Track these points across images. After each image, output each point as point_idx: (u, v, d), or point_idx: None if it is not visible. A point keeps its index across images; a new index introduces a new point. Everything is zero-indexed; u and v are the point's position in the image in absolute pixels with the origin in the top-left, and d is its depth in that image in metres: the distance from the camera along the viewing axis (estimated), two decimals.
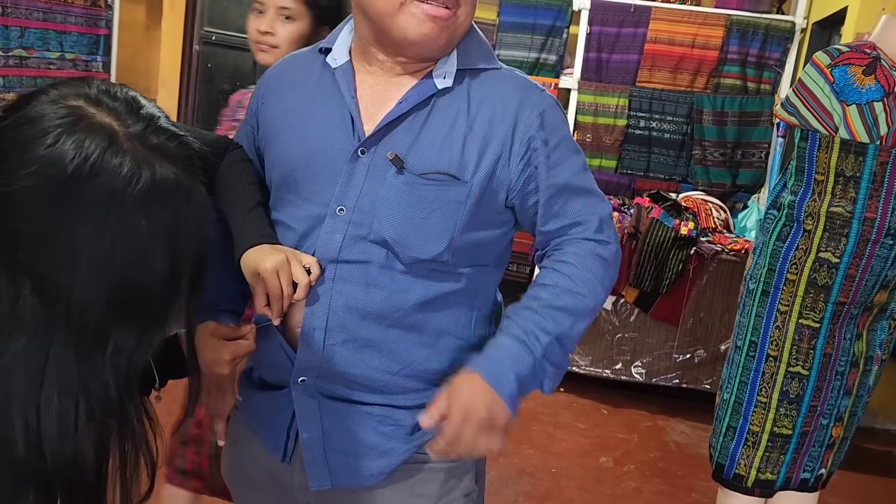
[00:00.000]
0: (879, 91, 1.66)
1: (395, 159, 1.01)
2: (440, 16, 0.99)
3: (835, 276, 1.74)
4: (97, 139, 0.66)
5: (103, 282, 0.66)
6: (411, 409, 1.06)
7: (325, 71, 1.08)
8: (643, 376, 3.41)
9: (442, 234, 1.02)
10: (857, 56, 1.70)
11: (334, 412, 1.06)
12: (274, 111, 1.12)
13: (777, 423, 1.82)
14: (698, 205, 3.60)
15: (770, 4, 4.14)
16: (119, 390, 0.70)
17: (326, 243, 1.03)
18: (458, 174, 1.02)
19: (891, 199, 1.70)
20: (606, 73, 4.19)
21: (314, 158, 1.05)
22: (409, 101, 1.03)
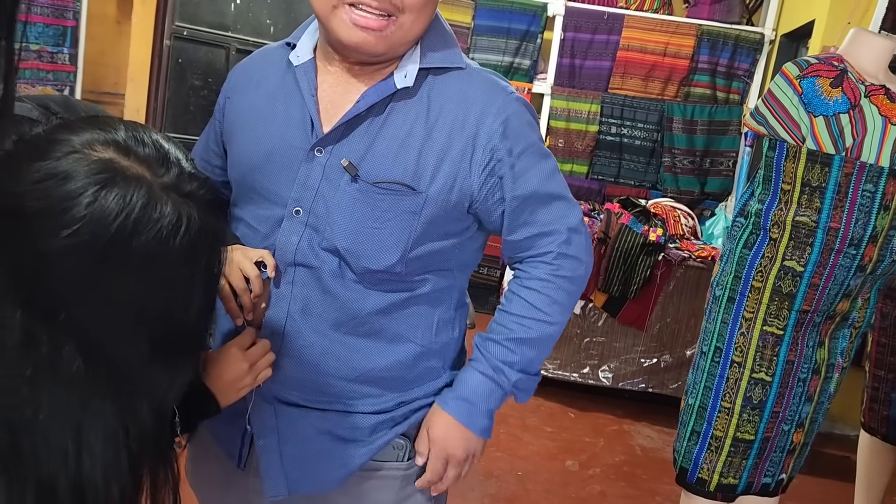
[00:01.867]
0: (846, 103, 1.69)
1: (348, 167, 0.98)
2: (370, 26, 0.94)
3: (799, 285, 1.77)
4: (136, 194, 0.64)
5: (147, 332, 0.67)
6: (368, 415, 1.05)
7: (290, 68, 1.05)
8: (610, 380, 3.44)
9: (395, 245, 1.00)
10: (825, 68, 1.73)
11: (290, 418, 1.05)
12: (238, 107, 1.10)
13: (740, 429, 1.84)
14: (667, 211, 3.64)
15: (740, 16, 4.22)
16: (156, 429, 0.71)
17: (284, 245, 1.01)
18: (413, 184, 0.98)
19: (854, 210, 1.72)
20: (579, 79, 4.23)
21: (273, 157, 1.03)
22: (367, 100, 0.99)
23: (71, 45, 2.38)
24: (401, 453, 1.08)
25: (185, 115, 3.43)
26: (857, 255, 1.75)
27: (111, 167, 0.65)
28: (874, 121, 1.68)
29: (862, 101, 1.69)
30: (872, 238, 1.74)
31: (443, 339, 1.09)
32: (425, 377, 1.09)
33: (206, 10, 3.38)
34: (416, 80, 1.01)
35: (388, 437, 1.06)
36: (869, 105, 1.69)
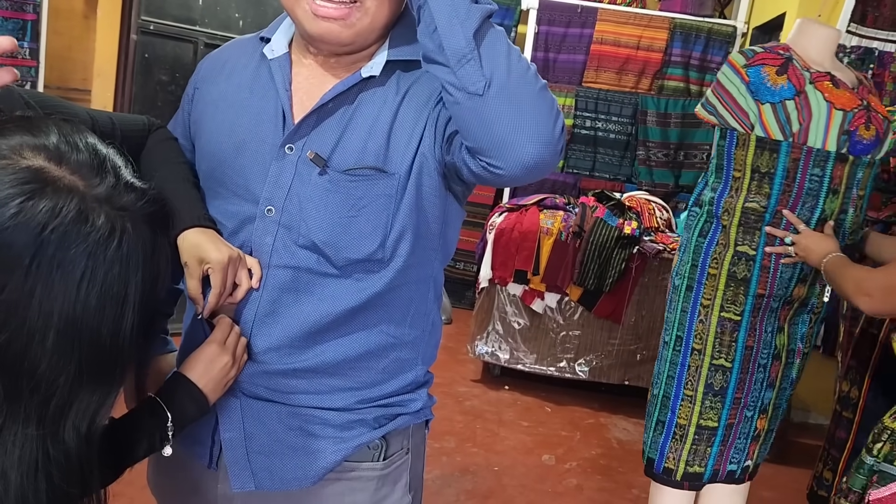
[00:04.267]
0: (791, 90, 1.73)
1: (315, 158, 0.96)
2: (331, 16, 0.93)
3: (752, 269, 1.79)
4: (66, 206, 0.61)
5: (75, 351, 0.63)
6: (340, 410, 1.03)
7: (264, 61, 1.03)
8: (586, 374, 3.45)
9: (374, 231, 0.98)
10: (771, 57, 1.77)
11: (257, 412, 1.02)
12: (207, 97, 1.07)
13: (703, 416, 1.86)
14: (641, 204, 3.65)
15: (713, 9, 4.23)
16: (81, 454, 0.67)
17: (259, 246, 0.99)
18: (385, 166, 0.97)
19: (801, 195, 1.76)
20: (553, 73, 4.22)
21: (243, 151, 1.00)
22: (333, 91, 0.98)
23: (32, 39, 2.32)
24: (376, 453, 1.05)
25: (153, 110, 3.37)
26: None
27: (40, 177, 0.61)
28: (819, 106, 1.71)
29: (807, 87, 1.73)
30: (821, 222, 1.77)
31: (416, 331, 1.07)
32: (397, 370, 1.06)
33: (172, 3, 3.32)
34: (384, 71, 0.99)
35: (363, 441, 1.03)
36: (814, 91, 1.73)
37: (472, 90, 0.86)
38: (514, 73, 0.87)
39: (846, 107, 1.72)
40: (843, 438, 1.89)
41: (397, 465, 1.08)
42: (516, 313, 3.45)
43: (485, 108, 0.86)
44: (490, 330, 3.46)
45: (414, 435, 1.11)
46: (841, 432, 1.91)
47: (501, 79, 0.85)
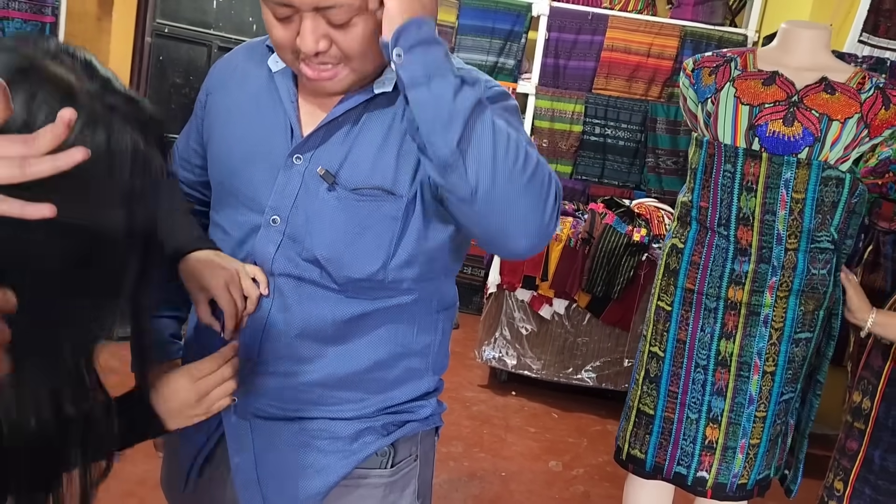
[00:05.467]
0: (711, 89, 1.83)
1: (325, 175, 0.95)
2: (320, 78, 0.92)
3: (681, 261, 1.88)
4: (54, 92, 0.61)
5: (57, 241, 0.62)
6: (349, 420, 1.03)
7: (272, 72, 1.03)
8: (594, 381, 3.44)
9: (377, 252, 0.97)
10: (711, 59, 1.89)
11: (266, 434, 1.02)
12: (219, 106, 1.07)
13: (642, 401, 1.95)
14: (651, 211, 3.65)
15: (723, 17, 4.24)
16: (77, 366, 0.67)
17: (262, 255, 0.98)
18: (392, 188, 0.95)
19: (718, 191, 1.81)
20: (563, 80, 4.23)
21: (252, 161, 1.00)
22: (344, 105, 0.97)
23: None
24: (384, 460, 1.05)
25: (167, 113, 3.39)
26: (730, 235, 1.81)
27: (32, 63, 0.62)
28: (727, 102, 1.79)
29: (725, 85, 1.81)
30: (742, 220, 1.80)
31: (424, 340, 1.07)
32: (407, 378, 1.06)
33: (187, 7, 3.34)
34: (395, 86, 0.97)
35: (371, 450, 1.03)
36: (729, 88, 1.80)
37: (458, 195, 0.85)
38: (501, 175, 0.83)
39: (753, 101, 1.77)
40: (854, 449, 1.88)
41: (405, 472, 1.08)
42: (524, 319, 3.45)
43: (473, 211, 0.85)
44: (497, 335, 3.47)
45: (423, 442, 1.11)
46: (852, 443, 1.90)
47: (486, 185, 0.83)
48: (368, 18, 0.89)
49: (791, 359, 1.85)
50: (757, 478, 1.92)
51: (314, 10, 0.86)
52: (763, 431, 1.87)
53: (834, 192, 1.76)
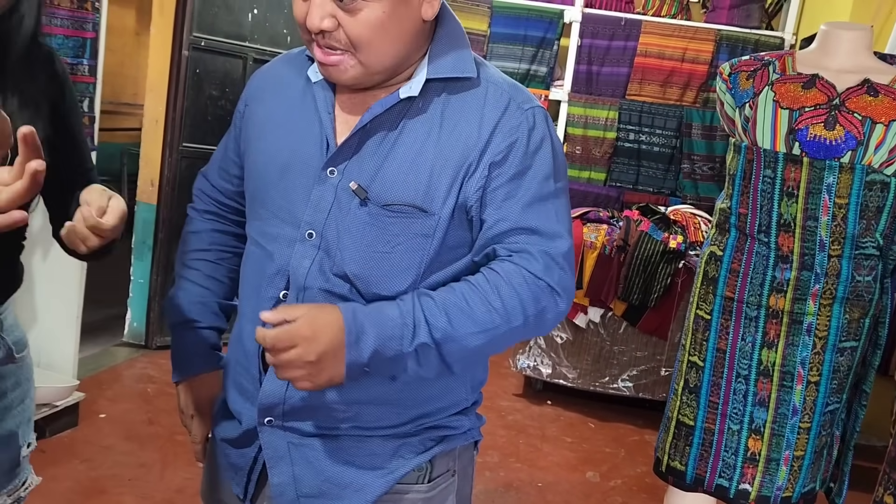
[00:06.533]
0: (749, 93, 1.80)
1: (357, 190, 0.94)
2: (326, 62, 0.93)
3: (720, 269, 1.85)
4: None
5: None
6: (386, 437, 1.02)
7: (310, 83, 1.03)
8: (630, 390, 3.40)
9: (407, 270, 0.96)
10: (749, 63, 1.86)
11: (304, 453, 1.01)
12: (256, 117, 1.07)
13: (681, 411, 1.91)
14: (687, 218, 3.60)
15: (759, 20, 4.17)
16: None
17: (296, 269, 0.98)
18: (425, 206, 0.94)
19: (758, 197, 1.78)
20: (596, 86, 4.20)
21: (287, 173, 1.00)
22: (371, 112, 0.96)
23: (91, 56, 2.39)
24: (422, 475, 1.04)
25: (203, 124, 3.44)
26: (770, 242, 1.78)
27: None
28: (765, 107, 1.76)
29: (763, 89, 1.78)
30: (783, 227, 1.76)
31: None
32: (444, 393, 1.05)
33: (223, 20, 3.39)
34: (427, 92, 0.97)
35: (409, 467, 1.02)
36: (767, 92, 1.77)
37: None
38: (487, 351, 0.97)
39: (793, 105, 1.73)
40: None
41: (443, 487, 1.06)
42: (559, 327, 3.42)
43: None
44: (532, 344, 3.44)
45: (461, 456, 1.09)
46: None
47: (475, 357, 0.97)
48: (376, 8, 0.89)
49: (836, 368, 1.80)
50: (802, 490, 1.87)
51: None
52: (808, 443, 1.83)
53: (879, 197, 1.72)
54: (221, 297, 1.16)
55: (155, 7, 3.35)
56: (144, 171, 3.50)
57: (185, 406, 1.15)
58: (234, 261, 1.18)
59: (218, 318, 1.16)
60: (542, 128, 0.99)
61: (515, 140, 0.96)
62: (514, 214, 0.95)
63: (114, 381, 3.15)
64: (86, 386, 2.78)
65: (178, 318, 1.14)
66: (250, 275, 1.05)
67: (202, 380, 1.14)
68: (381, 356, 0.90)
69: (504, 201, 0.95)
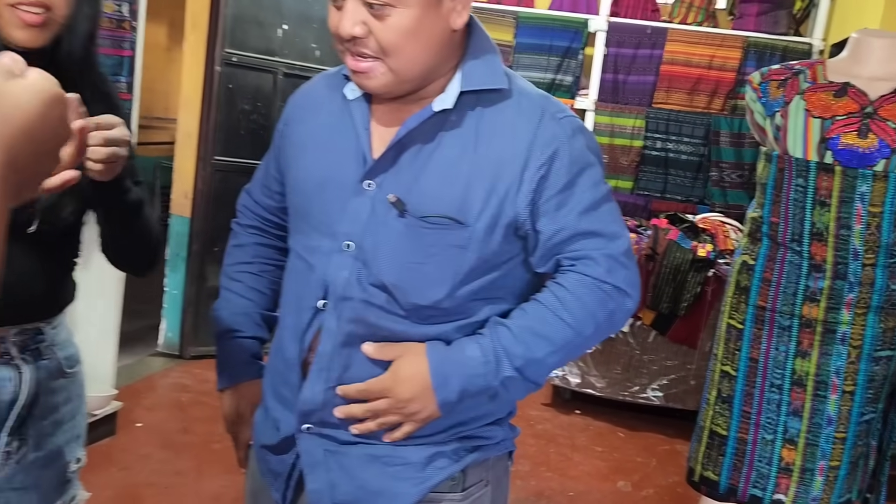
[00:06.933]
0: (780, 102, 1.80)
1: (396, 202, 0.97)
2: (358, 69, 0.96)
3: (752, 278, 1.85)
4: None
5: None
6: (420, 446, 1.03)
7: (347, 100, 1.05)
8: (661, 399, 3.38)
9: (442, 280, 0.98)
10: (779, 72, 1.86)
11: (340, 460, 1.04)
12: (296, 135, 1.11)
13: (714, 421, 1.91)
14: (716, 226, 3.58)
15: (787, 26, 4.15)
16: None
17: (334, 279, 1.01)
18: (461, 217, 0.96)
19: (790, 206, 1.77)
20: (623, 95, 4.20)
21: (326, 187, 1.03)
22: (406, 126, 0.99)
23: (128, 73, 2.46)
24: (455, 484, 1.06)
25: (236, 138, 3.50)
26: (803, 251, 1.77)
27: None
28: (796, 115, 1.76)
29: (794, 98, 1.77)
30: (816, 236, 1.75)
31: None
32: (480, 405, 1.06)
33: (254, 36, 3.46)
34: (461, 105, 0.99)
35: (443, 476, 1.04)
36: (798, 101, 1.77)
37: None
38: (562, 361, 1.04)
39: (825, 114, 1.73)
40: None
41: (476, 496, 1.08)
42: None
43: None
44: None
45: (495, 467, 1.11)
46: None
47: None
48: (405, 14, 0.92)
49: (871, 378, 1.79)
50: (838, 501, 1.85)
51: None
52: (843, 453, 1.81)
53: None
54: (264, 309, 1.20)
55: (188, 24, 3.43)
56: (178, 184, 3.57)
57: (228, 413, 1.19)
58: (277, 273, 1.21)
59: (260, 329, 1.19)
60: (580, 135, 1.02)
61: (556, 150, 0.98)
62: (572, 222, 0.99)
63: (149, 391, 3.21)
64: (123, 395, 2.84)
65: (222, 328, 1.18)
66: (291, 286, 1.08)
67: (245, 388, 1.17)
68: (469, 392, 0.97)
69: (558, 210, 0.99)
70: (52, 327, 1.17)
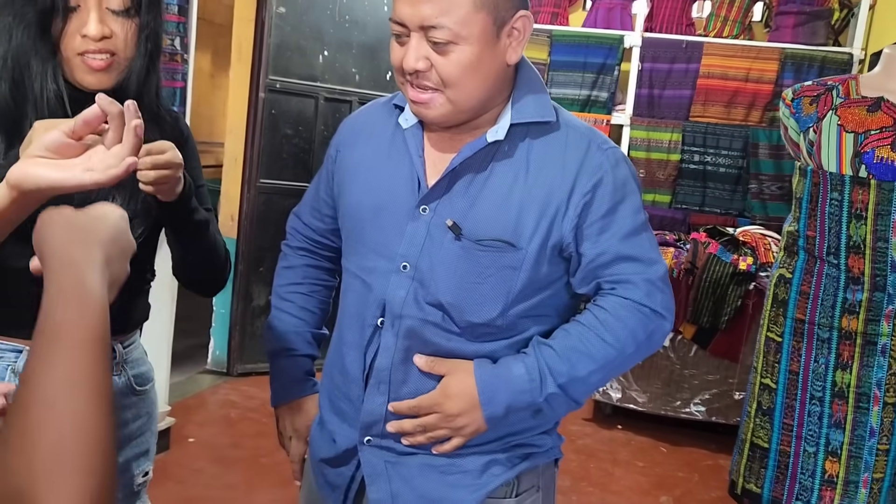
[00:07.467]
0: (813, 118, 1.84)
1: (453, 226, 1.04)
2: (416, 100, 1.03)
3: (789, 292, 1.88)
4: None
5: None
6: (476, 455, 1.09)
7: (399, 129, 1.11)
8: (703, 414, 3.37)
9: (496, 299, 1.05)
10: (812, 88, 1.90)
11: (400, 471, 1.09)
12: (349, 160, 1.17)
13: (755, 434, 1.92)
14: (756, 239, 3.56)
15: (825, 37, 4.11)
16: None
17: (392, 298, 1.07)
18: (514, 241, 1.03)
19: (825, 219, 1.80)
20: (659, 109, 4.21)
21: (382, 212, 1.09)
22: (461, 155, 1.05)
23: (180, 104, 2.58)
24: (508, 490, 1.11)
25: (279, 162, 3.62)
26: (840, 264, 1.79)
27: None
28: (830, 130, 1.79)
29: (827, 113, 1.81)
30: (853, 248, 1.77)
31: None
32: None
33: (296, 62, 3.57)
34: (512, 136, 1.06)
35: (498, 483, 1.09)
36: (832, 116, 1.80)
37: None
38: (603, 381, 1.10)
39: (858, 129, 1.75)
40: None
41: (529, 501, 1.13)
42: None
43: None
44: None
45: (544, 474, 1.16)
46: None
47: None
48: (466, 49, 0.99)
49: None
50: None
51: (420, 28, 0.98)
52: (887, 465, 1.81)
53: None
54: (313, 327, 1.27)
55: (234, 54, 3.56)
56: (225, 207, 3.70)
57: (283, 428, 1.25)
58: (325, 293, 1.28)
59: (311, 347, 1.26)
60: (624, 165, 1.08)
61: (600, 179, 1.05)
62: (613, 247, 1.05)
63: (200, 407, 3.32)
64: (175, 411, 2.94)
65: (275, 347, 1.25)
66: (350, 305, 1.14)
67: (299, 404, 1.24)
68: (515, 408, 1.03)
69: (600, 235, 1.05)
70: (124, 345, 1.22)
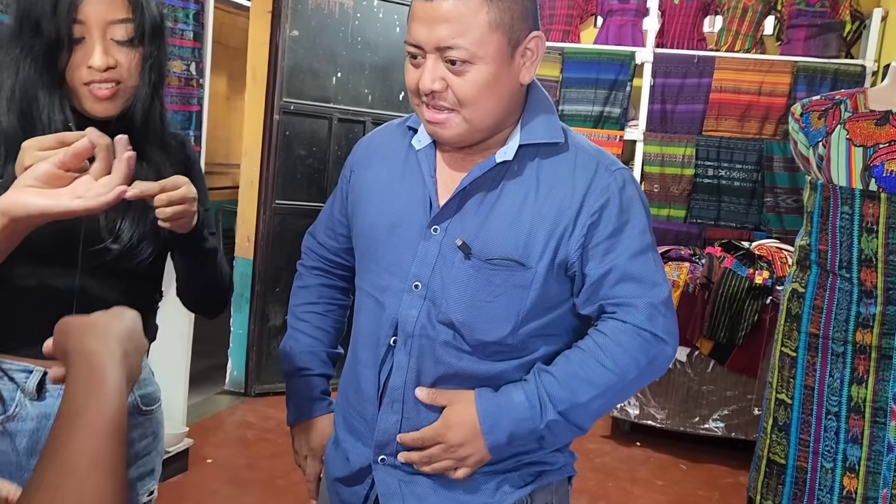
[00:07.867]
0: (822, 132, 1.83)
1: (462, 246, 1.05)
2: (432, 120, 1.04)
3: (803, 306, 1.87)
4: None
5: None
6: (488, 474, 1.09)
7: (412, 150, 1.14)
8: (723, 430, 3.33)
9: (507, 318, 1.05)
10: (820, 103, 1.89)
11: (414, 489, 1.10)
12: (363, 181, 1.19)
13: (771, 450, 1.91)
14: (773, 253, 3.53)
15: (838, 49, 4.11)
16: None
17: (405, 317, 1.08)
18: (524, 259, 1.04)
19: (837, 233, 1.79)
20: (672, 124, 4.21)
21: (395, 231, 1.11)
22: (471, 176, 1.07)
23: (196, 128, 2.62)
24: None
25: (293, 182, 3.65)
26: (852, 278, 1.78)
27: None
28: (838, 145, 1.79)
29: (836, 127, 1.81)
30: (865, 262, 1.75)
31: None
32: None
33: (310, 84, 3.62)
34: (521, 156, 1.07)
35: (512, 501, 1.09)
36: (840, 131, 1.80)
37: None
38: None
39: (867, 143, 1.75)
40: None
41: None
42: None
43: None
44: None
45: (557, 491, 1.16)
46: None
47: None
48: (482, 69, 1.00)
49: None
50: None
51: (436, 49, 1.00)
52: None
53: None
54: (329, 347, 1.28)
55: (248, 77, 3.61)
56: (241, 228, 3.73)
57: (299, 447, 1.26)
58: (340, 312, 1.30)
59: (326, 366, 1.27)
60: (631, 186, 1.09)
61: (608, 200, 1.06)
62: (617, 266, 1.06)
63: (217, 428, 3.33)
64: (193, 432, 2.96)
65: (290, 367, 1.26)
66: (364, 324, 1.15)
67: (314, 423, 1.24)
68: (517, 436, 1.03)
69: (605, 255, 1.05)
70: None
